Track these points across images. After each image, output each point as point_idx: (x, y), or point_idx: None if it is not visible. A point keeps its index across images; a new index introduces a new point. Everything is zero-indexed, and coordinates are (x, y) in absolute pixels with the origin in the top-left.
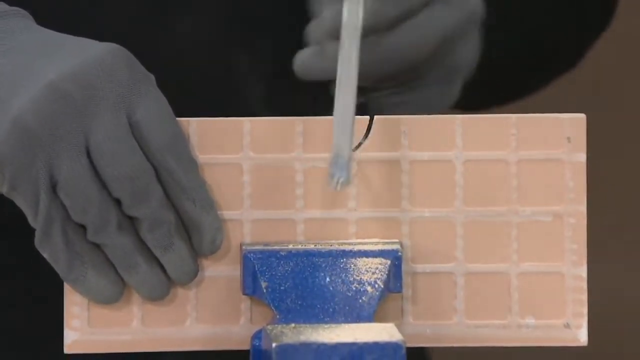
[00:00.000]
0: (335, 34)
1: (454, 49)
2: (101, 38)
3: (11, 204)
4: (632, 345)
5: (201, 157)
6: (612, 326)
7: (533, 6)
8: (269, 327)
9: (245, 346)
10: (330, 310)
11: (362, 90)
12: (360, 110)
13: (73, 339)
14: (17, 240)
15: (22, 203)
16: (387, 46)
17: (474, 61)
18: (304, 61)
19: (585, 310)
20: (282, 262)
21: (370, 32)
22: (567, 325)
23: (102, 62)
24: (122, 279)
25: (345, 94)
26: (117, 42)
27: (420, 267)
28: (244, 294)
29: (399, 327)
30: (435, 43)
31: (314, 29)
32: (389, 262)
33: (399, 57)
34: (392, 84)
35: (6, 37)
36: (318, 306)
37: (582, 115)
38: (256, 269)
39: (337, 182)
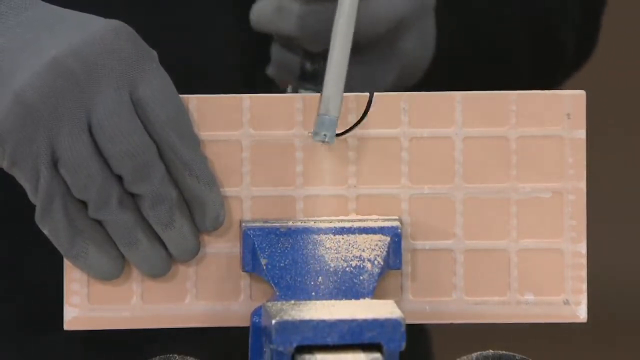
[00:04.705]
0: None
1: (405, 34)
2: (103, 14)
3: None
4: (630, 321)
5: (201, 134)
6: (611, 303)
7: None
8: (269, 303)
9: (245, 323)
10: (330, 287)
11: (310, 55)
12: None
13: (73, 315)
14: (9, 226)
15: (22, 178)
16: None
17: (423, 52)
18: (262, 14)
19: (584, 286)
20: (281, 239)
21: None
22: (566, 302)
23: (105, 38)
24: (122, 256)
25: (339, 54)
26: (120, 19)
27: (419, 244)
28: (244, 270)
29: (399, 304)
30: (389, 24)
31: None
32: (388, 238)
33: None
34: None
35: (12, 12)
36: (317, 283)
37: (582, 92)
38: (256, 245)
39: (322, 140)
